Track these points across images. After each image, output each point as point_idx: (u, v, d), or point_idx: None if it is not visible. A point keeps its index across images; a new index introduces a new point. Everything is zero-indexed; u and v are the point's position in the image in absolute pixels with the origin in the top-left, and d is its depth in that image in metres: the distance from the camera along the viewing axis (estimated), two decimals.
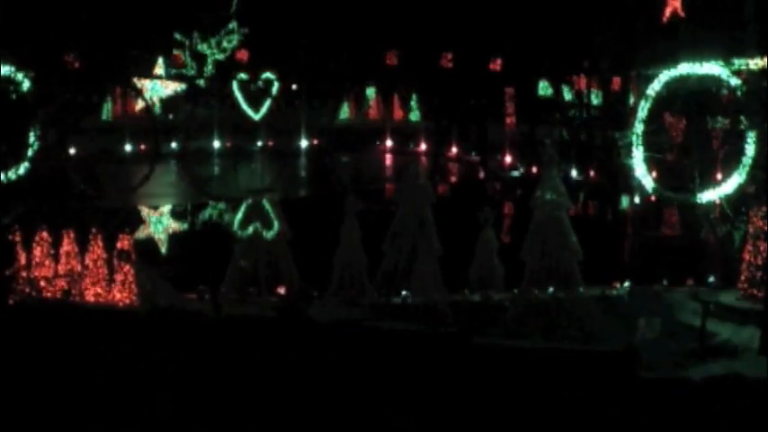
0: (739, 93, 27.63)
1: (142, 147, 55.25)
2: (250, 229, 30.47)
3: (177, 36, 69.20)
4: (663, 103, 28.49)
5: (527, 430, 21.03)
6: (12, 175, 30.22)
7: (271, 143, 52.31)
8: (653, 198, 28.97)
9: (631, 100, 42.28)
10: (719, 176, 28.52)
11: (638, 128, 28.45)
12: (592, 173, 48.22)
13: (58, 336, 24.81)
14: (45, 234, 29.02)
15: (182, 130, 49.75)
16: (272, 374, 22.78)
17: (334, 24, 76.33)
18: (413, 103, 72.98)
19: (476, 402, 21.56)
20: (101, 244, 29.03)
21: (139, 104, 63.95)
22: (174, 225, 30.85)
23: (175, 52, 69.69)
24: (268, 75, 49.27)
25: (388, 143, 67.30)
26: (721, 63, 27.77)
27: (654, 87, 28.09)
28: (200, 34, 69.59)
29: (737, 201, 28.43)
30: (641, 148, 28.29)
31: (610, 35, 28.21)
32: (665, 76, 27.96)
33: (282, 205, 31.19)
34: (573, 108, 60.41)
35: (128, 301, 28.93)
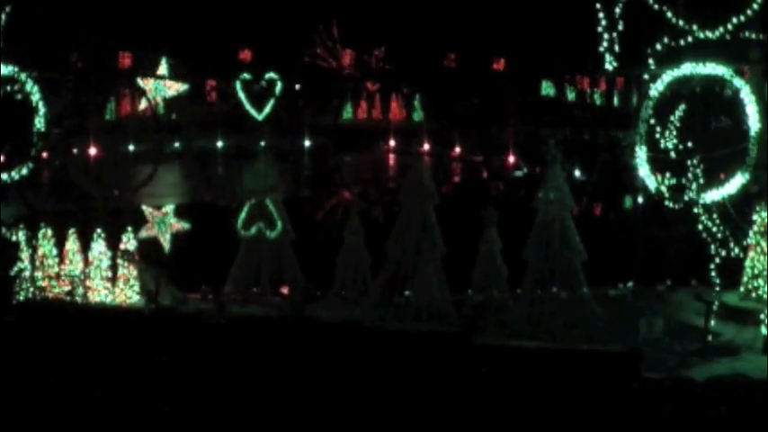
0: (743, 93, 27.58)
1: (145, 146, 55.30)
2: (253, 230, 30.48)
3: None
4: (666, 102, 28.45)
5: (530, 431, 21.04)
6: (15, 174, 30.25)
7: (274, 143, 52.32)
8: (656, 198, 28.92)
9: (634, 100, 42.25)
10: (723, 176, 28.48)
11: (642, 128, 28.43)
12: (595, 173, 48.19)
13: (61, 336, 24.82)
14: (48, 234, 29.04)
15: (185, 130, 49.72)
16: (274, 374, 22.79)
17: (339, 24, 76.45)
18: (416, 102, 73.01)
19: (478, 403, 21.56)
20: (104, 244, 29.07)
21: (143, 104, 64.04)
22: (177, 225, 30.83)
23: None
24: (271, 75, 49.24)
25: (392, 143, 67.30)
26: (724, 63, 27.74)
27: (657, 87, 28.06)
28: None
29: (741, 201, 28.40)
30: (644, 148, 28.26)
31: (613, 35, 28.16)
32: (668, 76, 27.92)
33: (286, 205, 31.20)
34: (576, 108, 60.40)
35: (131, 300, 28.97)
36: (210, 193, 39.98)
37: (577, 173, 47.89)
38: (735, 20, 27.75)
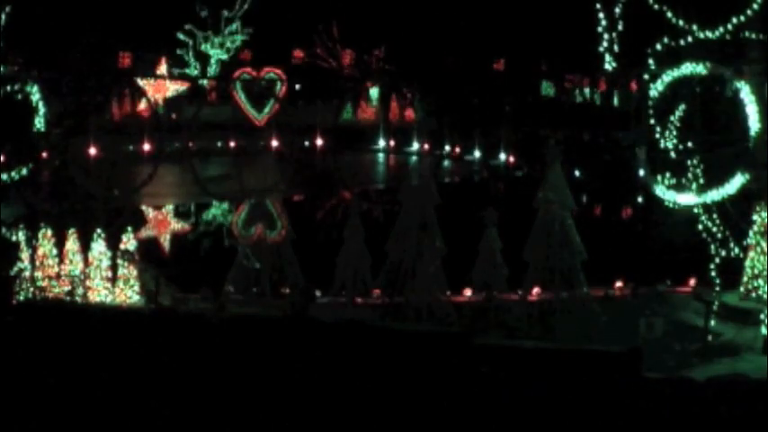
0: (743, 93, 27.58)
1: (146, 146, 55.37)
2: (253, 230, 30.48)
3: (181, 36, 69.47)
4: (666, 102, 28.45)
5: (530, 431, 21.02)
6: (15, 174, 30.26)
7: (274, 143, 52.44)
8: (656, 198, 28.93)
9: (635, 100, 42.31)
10: (723, 176, 28.49)
11: (642, 128, 28.44)
12: (595, 173, 48.24)
13: (61, 336, 24.81)
14: (48, 234, 29.04)
15: (185, 130, 49.80)
16: (274, 373, 22.79)
17: (339, 24, 76.49)
18: (416, 102, 73.06)
19: (478, 403, 21.55)
20: (104, 244, 29.07)
21: (143, 104, 64.18)
22: (177, 225, 30.86)
23: (179, 52, 69.94)
24: (271, 75, 49.30)
25: (392, 143, 67.34)
26: (724, 63, 27.73)
27: (657, 87, 28.05)
28: (203, 35, 69.87)
29: (742, 200, 28.42)
30: (644, 148, 28.26)
31: (613, 35, 28.15)
32: (668, 76, 27.92)
33: (286, 205, 31.20)
34: (577, 107, 60.49)
35: (131, 300, 28.96)
36: (210, 193, 40.03)
37: (578, 173, 47.97)
38: (735, 20, 27.75)
